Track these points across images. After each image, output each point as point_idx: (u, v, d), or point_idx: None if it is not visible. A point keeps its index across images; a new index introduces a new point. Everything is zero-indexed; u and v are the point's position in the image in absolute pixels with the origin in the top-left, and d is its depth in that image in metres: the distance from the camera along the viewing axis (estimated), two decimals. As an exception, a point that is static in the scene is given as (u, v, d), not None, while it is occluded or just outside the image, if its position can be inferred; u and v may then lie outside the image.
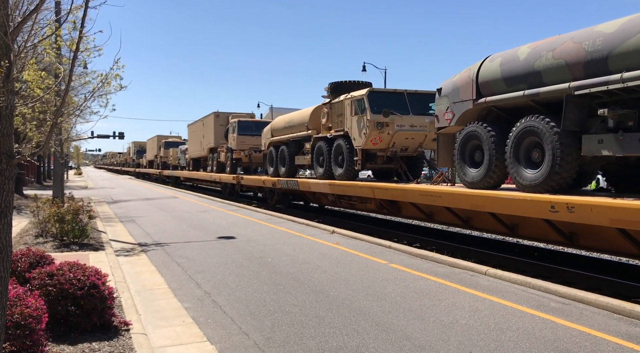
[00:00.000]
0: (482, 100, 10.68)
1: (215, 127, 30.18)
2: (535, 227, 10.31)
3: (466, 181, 11.11)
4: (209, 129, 31.42)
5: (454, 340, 5.71)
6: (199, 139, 34.37)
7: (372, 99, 15.17)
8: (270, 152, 22.15)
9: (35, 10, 4.21)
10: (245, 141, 26.48)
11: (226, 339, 5.84)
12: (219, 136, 29.95)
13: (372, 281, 8.44)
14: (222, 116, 30.25)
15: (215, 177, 29.41)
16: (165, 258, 10.69)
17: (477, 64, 10.95)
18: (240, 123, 26.98)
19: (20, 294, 4.85)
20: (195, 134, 35.64)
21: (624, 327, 6.17)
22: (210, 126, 30.93)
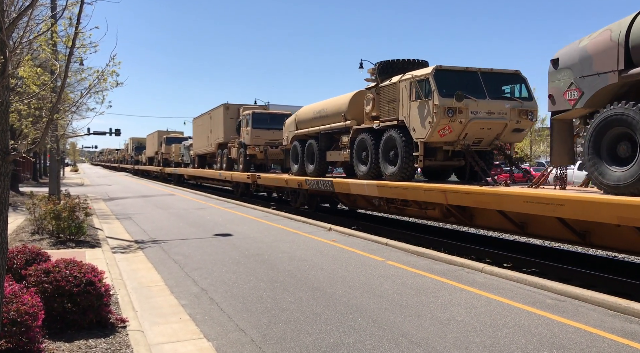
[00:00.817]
0: (634, 71, 7.92)
1: (225, 120, 27.52)
2: None
3: (607, 184, 8.31)
4: (217, 123, 28.82)
5: (451, 336, 5.73)
6: (205, 134, 31.71)
7: (439, 79, 12.14)
8: (295, 147, 19.41)
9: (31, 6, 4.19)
10: (260, 136, 23.77)
11: (223, 336, 5.85)
12: (229, 130, 27.37)
13: (369, 278, 8.45)
14: (232, 108, 27.55)
15: (225, 175, 26.96)
16: (162, 255, 10.68)
17: (627, 20, 8.14)
18: (255, 116, 24.20)
19: (16, 291, 4.84)
20: (202, 129, 32.92)
21: (619, 323, 6.20)
22: (219, 120, 28.30)
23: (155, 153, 51.25)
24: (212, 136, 29.89)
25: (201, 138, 33.06)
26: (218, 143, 28.85)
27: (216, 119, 29.10)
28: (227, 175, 26.62)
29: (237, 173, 25.23)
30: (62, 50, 12.53)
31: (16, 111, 10.32)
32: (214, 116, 29.63)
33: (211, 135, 30.18)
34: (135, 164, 65.62)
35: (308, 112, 18.85)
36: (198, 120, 34.66)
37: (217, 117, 28.85)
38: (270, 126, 23.97)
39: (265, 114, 24.72)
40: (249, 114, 24.24)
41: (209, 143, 30.98)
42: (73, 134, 27.10)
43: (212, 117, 30.25)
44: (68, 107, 13.22)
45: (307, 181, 17.76)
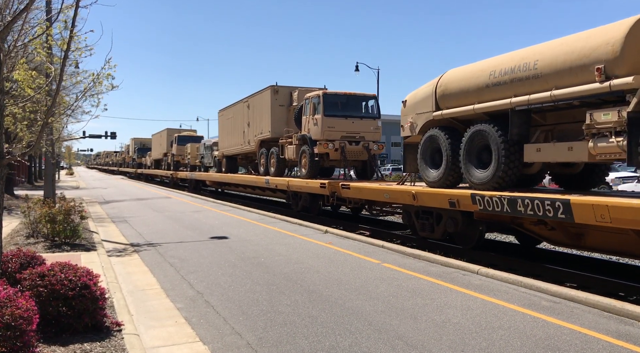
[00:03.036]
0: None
1: (273, 108, 21.09)
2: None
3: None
4: (260, 113, 22.50)
5: (446, 339, 5.74)
6: (239, 128, 25.44)
7: None
8: (432, 139, 12.11)
9: (26, 10, 4.19)
10: (335, 127, 17.46)
11: (219, 339, 5.84)
12: (278, 122, 21.04)
13: (365, 280, 8.46)
14: (282, 92, 21.18)
15: (277, 183, 19.80)
16: (158, 258, 10.65)
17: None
18: (328, 98, 17.62)
19: (10, 295, 4.82)
20: (233, 123, 26.55)
21: (613, 325, 6.22)
22: (264, 108, 21.86)
23: (164, 155, 45.13)
24: (251, 131, 23.61)
25: (232, 134, 26.69)
26: (261, 139, 22.50)
27: (258, 108, 22.77)
28: (279, 183, 19.69)
29: (299, 180, 18.23)
30: (57, 53, 12.52)
31: (11, 114, 10.29)
32: (255, 104, 23.14)
33: (249, 129, 23.92)
34: (138, 167, 59.10)
35: (474, 74, 11.02)
36: (227, 111, 28.09)
37: (260, 106, 22.43)
38: (348, 113, 17.87)
39: (341, 96, 18.17)
40: (318, 96, 17.65)
41: (244, 140, 24.64)
42: (68, 137, 27.05)
43: (250, 106, 23.72)
44: (63, 111, 13.19)
45: (484, 199, 9.91)
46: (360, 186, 15.03)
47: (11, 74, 7.66)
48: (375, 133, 18.42)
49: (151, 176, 52.85)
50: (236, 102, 26.57)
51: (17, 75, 7.53)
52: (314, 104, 18.01)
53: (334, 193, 15.96)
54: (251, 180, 23.79)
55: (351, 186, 15.28)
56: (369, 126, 18.23)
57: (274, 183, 20.25)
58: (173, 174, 39.85)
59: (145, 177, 54.63)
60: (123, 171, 73.20)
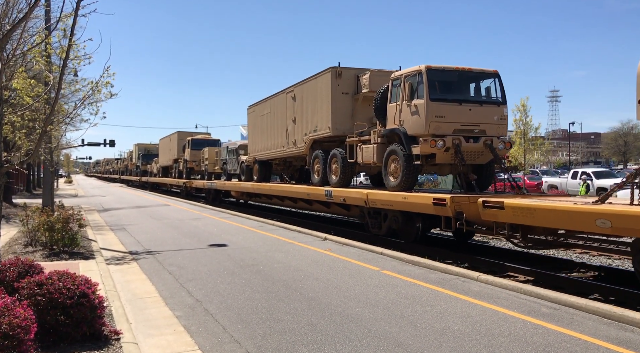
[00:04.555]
0: None
1: (335, 97, 16.04)
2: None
3: None
4: (315, 104, 17.25)
5: (446, 346, 5.72)
6: (279, 126, 20.76)
7: None
8: None
9: (25, 18, 4.21)
10: (445, 116, 12.34)
11: (218, 347, 5.81)
12: (342, 115, 16.04)
13: (364, 287, 8.43)
14: (346, 76, 16.10)
15: (346, 196, 15.00)
16: (157, 266, 10.62)
17: None
18: (435, 75, 12.56)
19: (8, 304, 4.80)
20: (270, 120, 21.83)
21: (614, 331, 6.21)
22: (321, 97, 16.71)
23: (174, 161, 39.89)
24: (299, 129, 18.71)
25: (268, 134, 22.02)
26: (315, 138, 17.42)
27: (310, 98, 17.72)
28: (350, 196, 14.78)
29: (387, 194, 13.16)
30: (56, 61, 12.54)
31: (10, 122, 10.30)
32: (305, 94, 18.11)
33: (295, 127, 19.01)
34: (143, 175, 54.46)
35: None
36: (261, 107, 23.10)
37: (314, 95, 17.38)
38: (463, 97, 12.81)
39: (451, 72, 12.94)
40: (419, 73, 12.47)
41: (287, 141, 19.75)
42: (67, 145, 26.94)
43: (298, 97, 18.74)
44: (62, 119, 13.21)
45: None
46: (535, 205, 9.30)
47: (10, 82, 7.68)
48: (500, 126, 12.98)
49: (157, 185, 48.67)
50: (275, 93, 21.39)
51: (16, 83, 7.55)
52: (411, 86, 12.68)
53: (461, 213, 10.85)
54: (303, 192, 17.84)
55: (509, 203, 9.83)
56: (492, 114, 12.85)
57: (340, 195, 15.15)
58: (186, 183, 34.65)
59: (151, 186, 50.61)
60: (126, 179, 68.33)
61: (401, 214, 13.12)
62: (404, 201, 12.43)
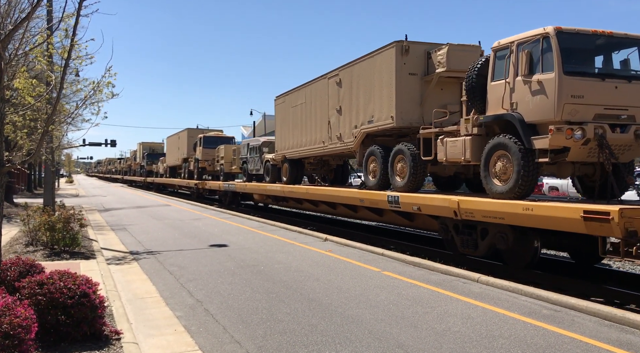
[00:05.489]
0: None
1: (400, 79, 12.89)
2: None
3: None
4: (371, 88, 14.11)
5: (447, 347, 5.72)
6: (317, 118, 17.62)
7: None
8: None
9: (27, 19, 4.22)
10: (585, 96, 9.01)
11: (218, 348, 5.81)
12: (410, 101, 12.92)
13: (365, 288, 8.43)
14: (414, 52, 12.96)
15: (421, 204, 11.58)
16: (157, 266, 10.63)
17: None
18: (568, 40, 9.20)
19: (9, 304, 4.80)
20: (305, 111, 18.78)
21: (615, 333, 6.20)
22: (380, 79, 13.60)
23: (184, 160, 37.14)
24: (346, 120, 15.62)
25: (302, 128, 18.91)
26: (369, 131, 14.34)
27: (363, 82, 14.56)
28: (428, 204, 11.42)
29: (504, 203, 9.48)
30: (57, 61, 12.57)
31: (11, 122, 10.31)
32: (357, 77, 14.96)
33: (341, 119, 15.91)
34: (148, 175, 51.57)
35: None
36: (293, 96, 20.05)
37: (370, 78, 14.20)
38: (607, 70, 9.67)
39: (588, 37, 9.58)
40: (546, 36, 9.18)
41: (329, 135, 16.72)
42: (68, 145, 26.91)
43: (345, 82, 15.66)
44: (63, 119, 13.23)
45: None
46: None
47: (12, 82, 7.69)
48: None
49: (164, 186, 45.96)
50: (311, 80, 18.37)
51: (17, 83, 7.56)
52: (530, 56, 9.45)
53: (634, 233, 7.53)
54: (355, 197, 14.63)
55: None
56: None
57: (413, 203, 11.75)
58: (199, 185, 31.65)
59: (157, 187, 47.62)
60: (129, 179, 64.60)
61: (512, 230, 9.70)
62: (527, 214, 8.88)
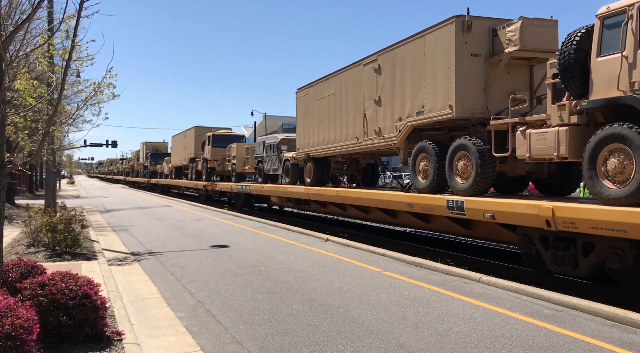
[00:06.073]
0: None
1: (460, 61, 11.03)
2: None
3: None
4: (422, 73, 12.21)
5: (448, 347, 5.71)
6: (350, 111, 15.75)
7: None
8: None
9: (28, 20, 4.22)
10: None
11: (220, 348, 5.81)
12: (472, 88, 11.09)
13: (366, 289, 8.43)
14: (477, 29, 11.06)
15: (495, 210, 9.63)
16: (159, 267, 10.63)
17: None
18: None
19: (11, 305, 4.80)
20: (334, 104, 16.86)
21: (617, 333, 6.19)
22: (435, 62, 11.69)
23: (191, 160, 35.64)
24: (387, 112, 13.71)
25: (329, 122, 17.12)
26: (418, 124, 12.42)
27: (412, 66, 12.58)
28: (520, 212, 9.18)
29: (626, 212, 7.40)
30: (58, 62, 12.59)
31: (12, 123, 10.32)
32: (402, 61, 13.01)
33: (381, 110, 14.02)
34: (152, 176, 50.34)
35: None
36: (319, 88, 18.09)
37: (419, 61, 12.27)
38: None
39: None
40: None
41: (364, 130, 14.88)
42: (69, 146, 26.95)
43: (384, 68, 13.81)
44: (64, 120, 13.24)
45: None
46: None
47: (13, 83, 7.70)
48: None
49: (169, 188, 44.64)
50: (343, 68, 16.28)
51: (18, 84, 7.56)
52: None
53: None
54: (401, 201, 12.69)
55: None
56: None
57: (485, 209, 9.86)
58: (208, 186, 30.04)
59: (162, 188, 46.49)
60: (132, 181, 62.54)
61: (633, 246, 7.80)
62: None
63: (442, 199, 11.00)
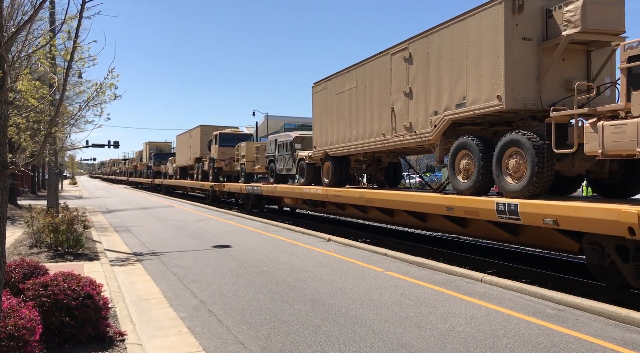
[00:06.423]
0: None
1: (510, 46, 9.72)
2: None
3: None
4: (461, 61, 10.92)
5: (451, 347, 5.71)
6: (375, 104, 14.42)
7: None
8: None
9: (30, 21, 4.23)
10: None
11: (222, 349, 5.81)
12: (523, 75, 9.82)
13: (369, 289, 8.42)
14: (530, 10, 9.76)
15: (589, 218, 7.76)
16: (161, 267, 10.64)
17: None
18: None
19: (14, 305, 4.81)
20: (355, 98, 15.59)
21: (619, 333, 6.18)
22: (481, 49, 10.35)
23: (196, 160, 34.76)
24: (420, 106, 12.41)
25: (350, 118, 15.88)
26: (458, 117, 11.17)
27: (450, 53, 11.31)
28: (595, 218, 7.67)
29: None
30: (60, 63, 12.61)
31: (15, 124, 10.35)
32: (438, 48, 11.69)
33: (414, 104, 12.63)
34: (156, 176, 49.18)
35: None
36: (339, 81, 16.71)
37: (460, 46, 10.98)
38: None
39: None
40: None
41: (393, 126, 13.57)
42: (71, 147, 26.95)
43: (417, 57, 12.54)
44: (67, 120, 13.27)
45: None
46: None
47: (15, 84, 7.71)
48: None
49: (173, 188, 43.74)
50: (366, 59, 15.03)
51: (20, 85, 7.58)
52: None
53: None
54: (439, 204, 11.21)
55: None
56: None
57: (547, 214, 8.54)
58: (215, 186, 28.93)
59: (166, 189, 45.43)
60: (135, 181, 61.34)
61: None
62: None
63: (490, 202, 9.66)
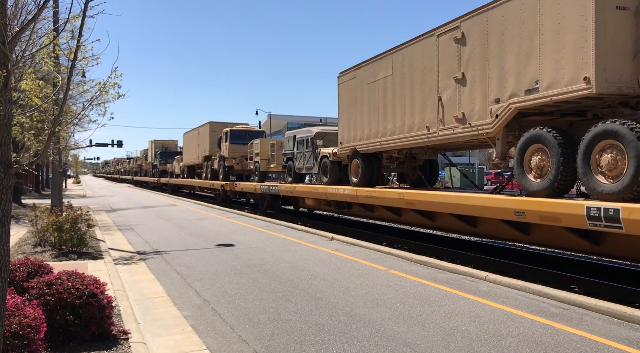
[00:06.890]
0: None
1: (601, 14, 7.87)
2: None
3: None
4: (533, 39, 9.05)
5: (454, 346, 5.70)
6: (418, 94, 12.59)
7: None
8: None
9: (33, 20, 4.24)
10: None
11: (225, 347, 5.82)
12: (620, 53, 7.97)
13: (372, 287, 8.42)
14: None
15: None
16: (164, 266, 10.66)
17: None
18: None
19: (18, 304, 4.83)
20: (388, 88, 13.91)
21: (624, 331, 6.16)
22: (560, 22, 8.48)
23: (205, 158, 33.15)
24: (476, 93, 10.62)
25: (385, 110, 14.12)
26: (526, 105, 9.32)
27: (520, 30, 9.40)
28: None
29: None
30: (64, 62, 12.61)
31: (18, 123, 10.37)
32: (502, 24, 9.80)
33: (468, 91, 10.88)
34: (161, 175, 48.16)
35: None
36: (370, 69, 14.92)
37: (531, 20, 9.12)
38: None
39: None
40: None
41: (440, 118, 11.80)
42: (75, 146, 27.00)
43: (471, 37, 10.70)
44: (70, 120, 13.27)
45: None
46: None
47: (19, 83, 7.73)
48: None
49: (179, 187, 42.50)
50: (404, 43, 13.20)
51: (24, 85, 7.59)
52: None
53: None
54: (513, 207, 9.31)
55: None
56: None
57: None
58: (226, 186, 27.15)
59: (172, 188, 43.88)
60: (140, 180, 59.81)
61: None
62: None
63: (578, 206, 7.87)
